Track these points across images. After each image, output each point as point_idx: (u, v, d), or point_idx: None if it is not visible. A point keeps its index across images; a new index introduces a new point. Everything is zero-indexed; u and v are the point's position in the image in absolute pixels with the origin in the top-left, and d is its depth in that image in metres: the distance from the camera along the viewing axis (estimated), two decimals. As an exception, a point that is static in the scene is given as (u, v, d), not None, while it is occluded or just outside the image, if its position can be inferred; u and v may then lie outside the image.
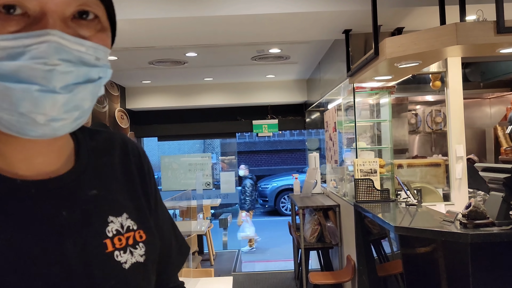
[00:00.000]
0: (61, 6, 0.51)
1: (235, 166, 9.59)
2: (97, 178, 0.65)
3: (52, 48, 0.49)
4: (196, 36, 3.88)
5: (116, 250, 0.62)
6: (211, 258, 6.07)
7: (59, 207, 0.58)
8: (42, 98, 0.49)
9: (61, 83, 0.50)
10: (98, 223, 0.62)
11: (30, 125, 0.51)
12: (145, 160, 0.77)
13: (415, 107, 5.77)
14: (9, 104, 0.49)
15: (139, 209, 0.69)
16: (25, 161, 0.57)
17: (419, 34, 2.68)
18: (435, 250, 2.68)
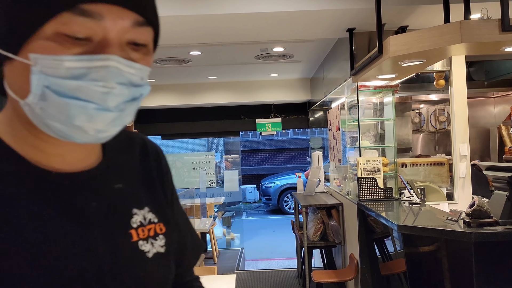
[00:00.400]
0: (120, 34, 0.56)
1: (238, 164, 9.60)
2: (121, 173, 0.71)
3: (111, 72, 0.54)
4: (200, 34, 3.88)
5: (140, 240, 0.67)
6: (214, 256, 6.08)
7: (89, 198, 0.63)
8: (96, 114, 0.55)
9: (114, 103, 0.56)
10: (123, 214, 0.67)
11: (79, 134, 0.57)
12: (163, 160, 0.82)
13: (419, 106, 5.76)
14: (66, 117, 0.55)
15: (158, 204, 0.74)
16: (61, 156, 0.62)
17: (423, 32, 2.68)
18: (439, 249, 2.67)
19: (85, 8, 0.53)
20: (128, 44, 0.58)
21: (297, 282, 5.21)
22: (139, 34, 0.59)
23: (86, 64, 0.53)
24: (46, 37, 0.53)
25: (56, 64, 0.53)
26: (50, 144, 0.61)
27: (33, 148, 0.61)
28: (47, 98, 0.54)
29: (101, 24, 0.54)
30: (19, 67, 0.55)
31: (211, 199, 6.86)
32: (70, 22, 0.53)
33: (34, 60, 0.53)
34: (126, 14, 0.56)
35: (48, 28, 0.53)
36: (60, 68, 0.53)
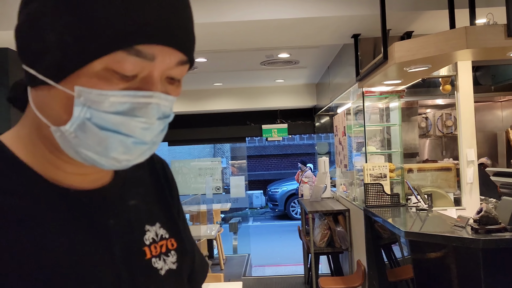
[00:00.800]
0: (164, 72, 0.57)
1: (245, 170, 9.60)
2: (133, 189, 0.71)
3: (153, 109, 0.55)
4: (206, 42, 3.90)
5: (153, 257, 0.67)
6: (221, 263, 6.07)
7: (107, 216, 0.63)
8: (133, 147, 0.56)
9: (151, 137, 0.57)
10: (138, 231, 0.67)
11: (109, 163, 0.57)
12: (170, 174, 0.82)
13: (425, 110, 5.74)
14: (103, 148, 0.55)
15: (169, 219, 0.74)
16: (80, 176, 0.63)
17: (428, 38, 2.67)
18: (446, 256, 2.65)
19: (140, 49, 0.53)
20: (166, 79, 0.59)
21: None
22: (179, 71, 0.60)
23: (131, 100, 0.54)
24: (95, 72, 0.53)
25: (101, 99, 0.53)
26: (70, 165, 0.61)
27: (52, 166, 0.61)
28: (87, 129, 0.54)
29: (151, 64, 0.55)
30: (58, 95, 0.55)
31: (217, 205, 6.86)
32: (123, 61, 0.53)
33: (79, 93, 0.53)
34: (174, 54, 0.57)
35: (99, 63, 0.53)
36: (104, 102, 0.53)
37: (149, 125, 0.56)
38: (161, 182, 0.78)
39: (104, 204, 0.64)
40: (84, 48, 0.53)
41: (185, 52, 0.58)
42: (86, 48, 0.52)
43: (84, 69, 0.53)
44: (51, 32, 0.54)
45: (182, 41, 0.57)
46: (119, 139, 0.55)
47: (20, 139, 0.61)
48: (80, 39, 0.53)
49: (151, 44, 0.54)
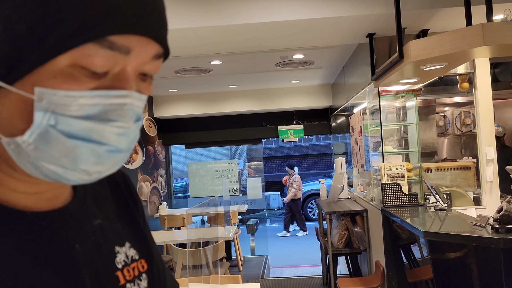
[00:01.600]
0: (139, 67, 0.49)
1: (261, 171, 9.61)
2: (96, 207, 0.62)
3: (130, 111, 0.48)
4: (220, 44, 3.93)
5: (128, 283, 0.59)
6: (239, 264, 6.09)
7: (72, 240, 0.54)
8: (107, 157, 0.48)
9: (127, 144, 0.49)
10: (107, 254, 0.59)
11: (77, 176, 0.49)
12: (133, 186, 0.73)
13: (443, 109, 5.67)
14: (71, 160, 0.46)
15: (138, 237, 0.67)
16: (36, 195, 0.53)
17: (445, 36, 2.65)
18: (466, 256, 2.62)
19: (114, 41, 0.45)
20: (138, 75, 0.51)
21: (323, 290, 5.17)
22: (154, 66, 0.51)
23: (103, 101, 0.46)
24: (59, 69, 0.44)
25: (68, 101, 0.44)
26: (24, 183, 0.51)
27: (1, 187, 0.51)
28: (50, 139, 0.45)
29: (125, 58, 0.47)
30: (12, 100, 0.45)
31: (234, 207, 6.88)
32: (93, 54, 0.44)
33: (40, 95, 0.44)
34: (151, 46, 0.49)
35: (64, 58, 0.44)
36: (72, 105, 0.44)
37: (125, 129, 0.48)
38: (124, 197, 0.69)
39: (67, 226, 0.55)
40: (44, 41, 0.43)
41: (162, 43, 0.50)
42: (47, 40, 0.43)
43: (46, 66, 0.44)
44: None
45: (159, 29, 0.49)
46: (90, 148, 0.46)
47: None
48: (37, 28, 0.43)
49: (126, 34, 0.45)
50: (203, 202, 3.66)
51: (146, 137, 6.73)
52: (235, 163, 7.98)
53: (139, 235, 0.68)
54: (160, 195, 7.27)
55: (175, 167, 11.35)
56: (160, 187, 7.34)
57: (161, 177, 7.41)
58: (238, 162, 8.14)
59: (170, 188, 7.96)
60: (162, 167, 7.54)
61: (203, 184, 7.78)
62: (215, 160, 13.04)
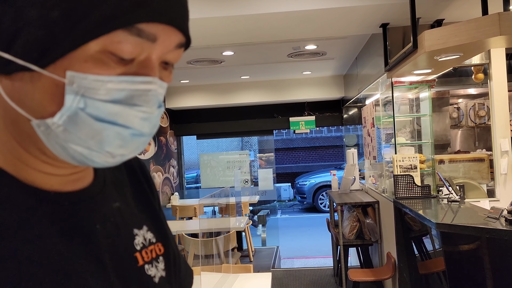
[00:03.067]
0: (162, 55, 0.51)
1: (272, 163, 9.62)
2: (115, 191, 0.64)
3: (154, 97, 0.50)
4: (233, 35, 3.92)
5: (146, 264, 0.61)
6: (250, 254, 6.12)
7: (93, 221, 0.56)
8: (131, 140, 0.50)
9: (150, 128, 0.51)
10: (126, 236, 0.61)
11: (102, 159, 0.51)
12: (148, 172, 0.76)
13: (457, 100, 5.60)
14: (97, 142, 0.48)
15: (155, 221, 0.69)
16: (60, 178, 0.55)
17: (460, 26, 2.61)
18: (479, 248, 2.60)
19: (142, 28, 0.47)
20: (160, 63, 0.52)
21: (334, 281, 5.18)
22: (176, 55, 0.53)
23: (129, 86, 0.48)
24: (90, 54, 0.46)
25: (97, 86, 0.46)
26: (49, 165, 0.53)
27: (27, 167, 0.52)
28: (79, 121, 0.47)
29: (151, 46, 0.49)
30: (44, 83, 0.47)
31: (246, 198, 6.91)
32: (123, 41, 0.46)
33: (71, 79, 0.46)
34: (175, 35, 0.51)
35: (95, 44, 0.46)
36: (100, 89, 0.47)
37: (148, 114, 0.50)
38: (140, 181, 0.71)
39: (89, 207, 0.57)
40: (77, 27, 0.45)
41: (185, 33, 0.52)
42: (80, 26, 0.45)
43: (78, 51, 0.46)
44: (31, 6, 0.45)
45: (182, 19, 0.51)
46: (116, 131, 0.48)
47: None
48: (71, 14, 0.45)
49: (153, 23, 0.47)
50: (214, 193, 3.68)
51: (158, 127, 6.76)
52: (246, 154, 8.00)
53: (155, 219, 0.69)
54: (172, 186, 7.32)
55: (187, 158, 11.41)
56: (172, 178, 7.39)
57: (173, 168, 7.46)
58: (249, 153, 8.15)
59: (181, 178, 8.01)
60: (174, 158, 7.59)
61: (214, 175, 7.81)
62: (227, 151, 13.08)
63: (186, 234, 4.51)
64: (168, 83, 0.54)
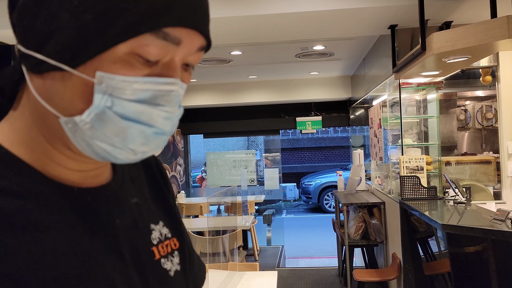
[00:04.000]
0: (184, 57, 0.54)
1: (278, 163, 9.64)
2: (133, 187, 0.66)
3: (175, 97, 0.52)
4: (241, 35, 3.95)
5: (162, 258, 0.63)
6: (255, 253, 6.15)
7: (113, 215, 0.59)
8: (153, 138, 0.52)
9: (171, 127, 0.54)
10: (144, 231, 0.63)
11: (125, 156, 0.53)
12: (163, 168, 0.78)
13: (464, 102, 5.59)
14: (122, 139, 0.51)
15: (170, 216, 0.71)
16: (82, 173, 0.57)
17: (468, 28, 2.62)
18: (485, 250, 2.61)
19: (168, 32, 0.49)
20: (182, 65, 0.55)
21: (338, 281, 5.20)
22: (196, 57, 0.56)
23: (153, 87, 0.50)
24: (118, 56, 0.49)
25: (124, 86, 0.49)
26: (73, 161, 0.56)
27: (52, 162, 0.55)
28: (106, 119, 0.49)
29: (175, 49, 0.51)
30: (74, 82, 0.49)
31: (252, 197, 6.93)
32: (150, 44, 0.49)
33: (100, 79, 0.48)
34: (197, 38, 0.53)
35: (124, 46, 0.48)
36: (127, 89, 0.49)
37: (170, 114, 0.52)
38: (156, 177, 0.73)
39: (109, 202, 0.59)
40: (108, 30, 0.47)
41: (206, 37, 0.54)
42: (111, 29, 0.47)
43: (107, 53, 0.48)
44: (64, 9, 0.48)
45: (204, 23, 0.54)
46: (139, 129, 0.50)
47: (15, 133, 0.54)
48: (102, 18, 0.47)
49: (179, 27, 0.50)
50: (221, 191, 3.70)
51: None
52: (252, 154, 8.02)
53: (171, 215, 0.71)
54: (178, 184, 7.36)
55: (193, 157, 11.45)
56: (179, 176, 7.43)
57: (179, 166, 7.50)
58: (255, 152, 8.17)
59: (188, 177, 8.05)
60: (181, 156, 7.63)
61: (220, 174, 7.84)
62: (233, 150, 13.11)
63: (192, 232, 4.54)
64: (187, 84, 0.56)
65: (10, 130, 0.55)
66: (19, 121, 0.55)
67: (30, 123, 0.54)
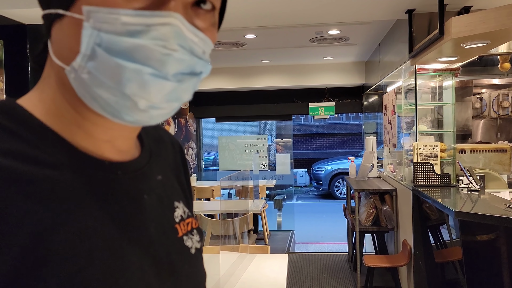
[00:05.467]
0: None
1: (290, 148, 9.64)
2: (158, 164, 0.65)
3: (173, 31, 0.47)
4: (256, 17, 3.92)
5: (184, 235, 0.64)
6: (265, 237, 6.19)
7: (141, 191, 0.58)
8: (151, 82, 0.47)
9: (174, 70, 0.48)
10: (168, 208, 0.63)
11: (129, 109, 0.49)
12: (183, 151, 0.78)
13: (480, 90, 5.52)
14: (116, 82, 0.47)
15: (188, 199, 0.72)
16: (109, 143, 0.56)
17: (488, 13, 2.57)
18: (498, 238, 2.60)
19: None
20: (193, 7, 0.51)
21: (348, 266, 5.22)
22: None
23: (145, 21, 0.46)
24: None
25: (111, 19, 0.46)
26: (98, 127, 0.54)
27: (81, 131, 0.54)
28: (97, 58, 0.46)
29: None
30: (69, 25, 0.48)
31: (263, 182, 6.95)
32: None
33: (87, 14, 0.46)
34: None
35: None
36: (115, 23, 0.46)
37: (169, 50, 0.47)
38: (179, 162, 0.74)
39: (137, 178, 0.59)
40: None
41: None
42: None
43: None
44: None
45: None
46: (133, 68, 0.46)
47: (43, 102, 0.54)
48: None
49: None
50: (232, 175, 3.72)
51: (179, 109, 6.83)
52: (264, 138, 8.02)
53: (188, 197, 0.73)
54: (190, 167, 7.41)
55: (205, 141, 11.49)
56: (191, 159, 7.48)
57: (191, 149, 7.54)
58: (267, 137, 8.17)
59: (200, 160, 8.09)
60: (193, 140, 7.66)
61: (232, 158, 7.86)
62: (245, 135, 13.12)
63: (203, 214, 4.58)
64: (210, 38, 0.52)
65: (39, 100, 0.54)
66: (46, 89, 0.54)
67: (55, 90, 0.53)
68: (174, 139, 0.77)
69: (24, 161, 0.48)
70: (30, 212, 0.45)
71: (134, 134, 0.61)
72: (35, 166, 0.48)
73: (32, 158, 0.48)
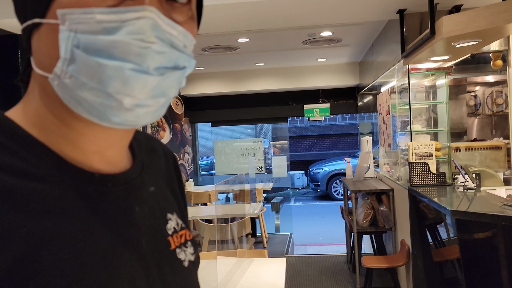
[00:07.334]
0: None
1: (286, 151, 9.63)
2: (151, 175, 0.65)
3: (149, 24, 0.46)
4: (248, 21, 3.91)
5: (177, 248, 0.63)
6: (263, 241, 6.18)
7: (132, 203, 0.58)
8: (133, 78, 0.46)
9: (155, 63, 0.47)
10: (160, 220, 0.63)
11: (114, 109, 0.48)
12: (178, 161, 0.78)
13: (474, 88, 5.53)
14: (98, 82, 0.46)
15: (182, 210, 0.71)
16: (98, 154, 0.55)
17: (479, 11, 2.57)
18: (495, 236, 2.60)
19: None
20: (168, 1, 0.51)
21: (347, 267, 5.21)
22: None
23: (120, 17, 0.46)
24: None
25: (86, 18, 0.46)
26: (85, 137, 0.53)
27: (68, 143, 0.53)
28: (77, 60, 0.46)
29: None
30: (46, 33, 0.48)
31: (260, 185, 6.94)
32: None
33: (62, 17, 0.46)
34: None
35: None
36: (91, 22, 0.46)
37: (147, 43, 0.46)
38: (172, 172, 0.73)
39: (129, 190, 0.58)
40: None
41: None
42: None
43: None
44: None
45: None
46: (113, 66, 0.46)
47: (28, 115, 0.53)
48: None
49: None
50: (228, 179, 3.71)
51: (173, 114, 6.82)
52: (260, 142, 8.02)
53: (182, 208, 0.72)
54: (186, 172, 7.39)
55: (201, 145, 11.48)
56: (187, 164, 7.46)
57: (187, 155, 7.52)
58: (263, 140, 8.17)
59: (196, 165, 8.08)
60: (189, 145, 7.64)
61: (228, 162, 7.85)
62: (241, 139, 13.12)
63: (200, 219, 4.57)
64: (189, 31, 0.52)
65: (24, 113, 0.53)
66: (30, 103, 0.54)
67: (38, 103, 0.53)
68: (167, 149, 0.76)
69: (13, 174, 0.47)
70: (18, 227, 0.45)
71: (124, 143, 0.60)
72: (23, 179, 0.47)
73: (20, 171, 0.48)
